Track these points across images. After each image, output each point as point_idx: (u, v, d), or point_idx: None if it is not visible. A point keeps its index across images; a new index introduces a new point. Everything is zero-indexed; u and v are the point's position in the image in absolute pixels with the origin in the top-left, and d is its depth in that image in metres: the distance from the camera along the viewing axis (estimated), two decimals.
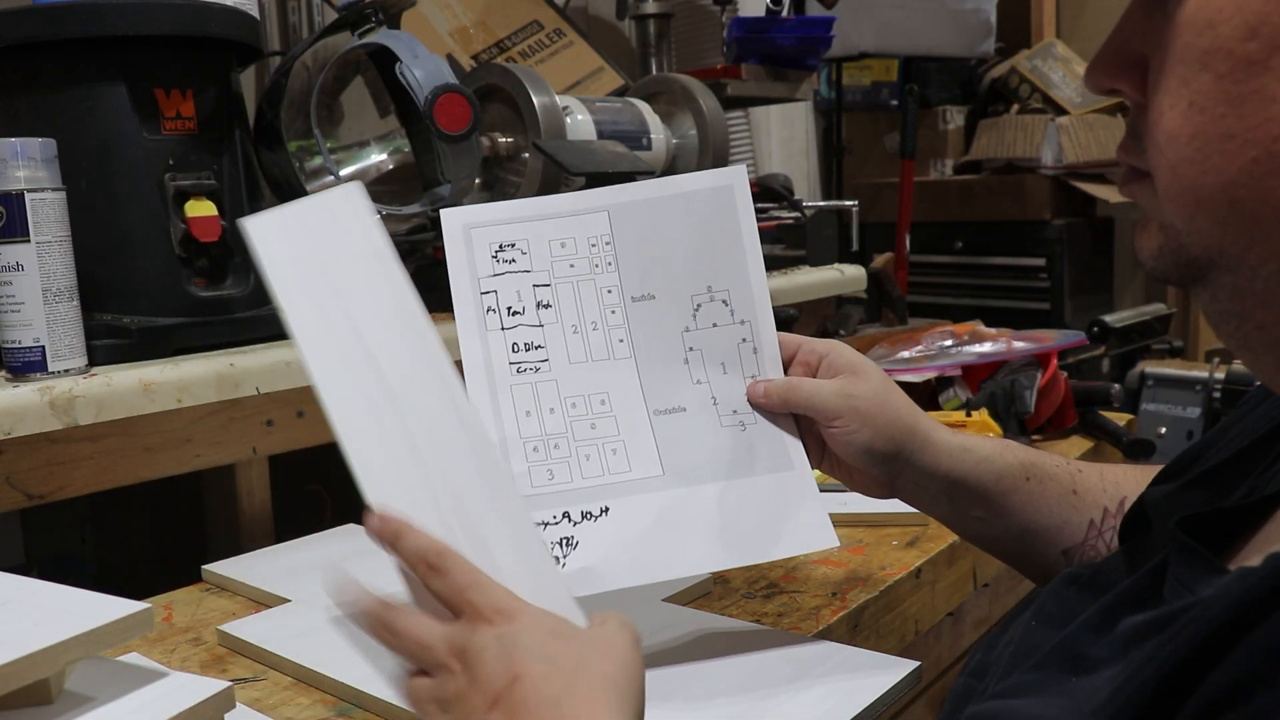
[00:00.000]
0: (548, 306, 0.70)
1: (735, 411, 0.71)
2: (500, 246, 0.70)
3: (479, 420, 0.55)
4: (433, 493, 0.53)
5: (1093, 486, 0.71)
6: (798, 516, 0.69)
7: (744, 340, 0.72)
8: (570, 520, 0.66)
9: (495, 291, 0.69)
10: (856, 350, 0.72)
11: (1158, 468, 0.59)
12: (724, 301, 0.72)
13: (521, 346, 0.69)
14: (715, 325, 0.72)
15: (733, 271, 0.73)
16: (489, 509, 0.53)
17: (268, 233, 0.58)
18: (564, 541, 0.65)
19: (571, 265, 0.70)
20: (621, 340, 0.70)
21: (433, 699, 0.50)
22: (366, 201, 0.58)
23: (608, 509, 0.66)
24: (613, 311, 0.71)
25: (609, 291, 0.71)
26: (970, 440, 0.71)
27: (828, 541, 0.69)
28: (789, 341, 0.73)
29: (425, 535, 0.51)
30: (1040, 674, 0.44)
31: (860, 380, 0.69)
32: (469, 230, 0.70)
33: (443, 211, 0.70)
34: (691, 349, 0.72)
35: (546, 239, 0.70)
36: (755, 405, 0.71)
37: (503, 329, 0.68)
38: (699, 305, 0.72)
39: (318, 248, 0.58)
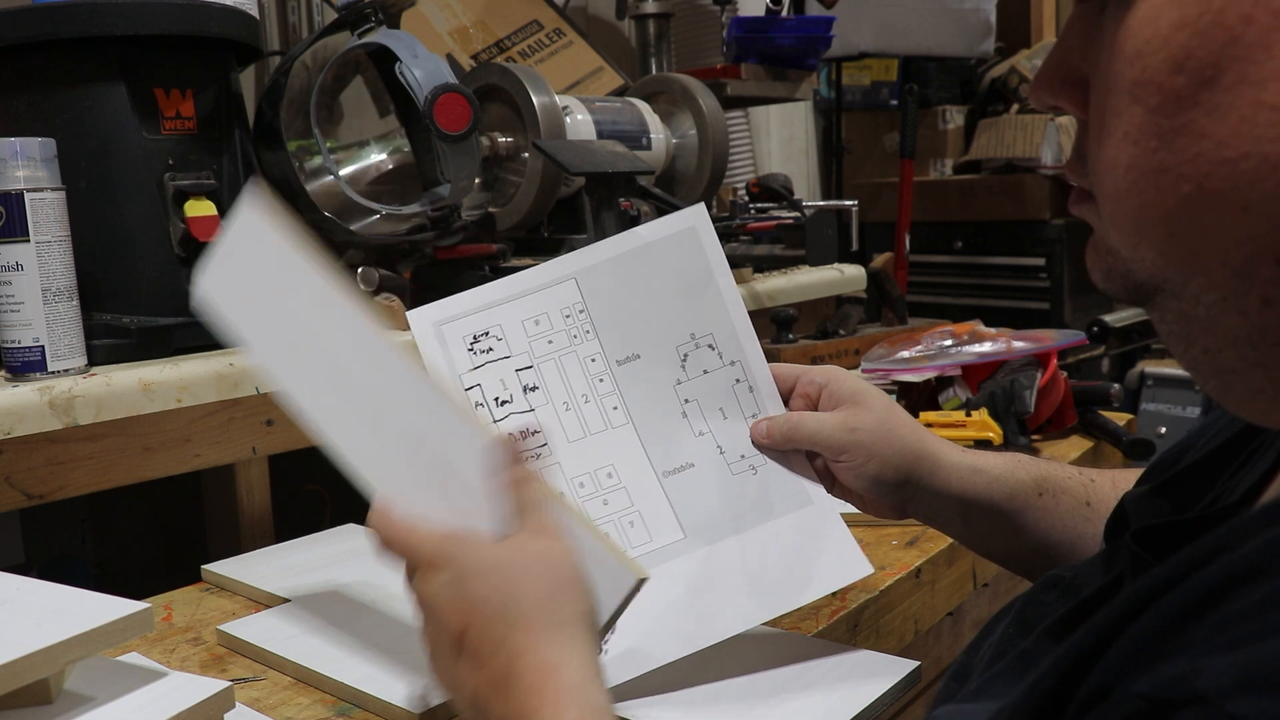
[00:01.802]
0: (535, 389, 0.68)
1: (743, 456, 0.70)
2: (474, 338, 0.68)
3: (415, 370, 0.55)
4: (395, 453, 0.57)
5: (1106, 496, 0.70)
6: (825, 551, 0.68)
7: (738, 381, 0.71)
8: None
9: (479, 385, 0.67)
10: (854, 375, 0.72)
11: None
12: (710, 346, 0.71)
13: (518, 436, 0.67)
14: (706, 372, 0.70)
15: (712, 314, 0.71)
16: (437, 449, 0.56)
17: (208, 292, 0.63)
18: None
19: (550, 341, 0.69)
20: (615, 407, 0.69)
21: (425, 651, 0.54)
22: (267, 206, 0.60)
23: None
24: (600, 380, 0.69)
25: (593, 360, 0.69)
26: (981, 460, 0.70)
27: (861, 571, 0.68)
28: (787, 373, 0.72)
29: (387, 519, 0.55)
30: (1001, 681, 0.45)
31: (863, 410, 0.68)
32: (439, 328, 0.68)
33: (409, 314, 0.68)
34: (687, 401, 0.70)
35: (519, 320, 0.69)
36: (759, 446, 0.70)
37: (495, 422, 0.67)
38: (685, 355, 0.71)
39: (249, 279, 0.61)
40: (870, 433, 0.67)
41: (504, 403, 0.68)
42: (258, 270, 0.61)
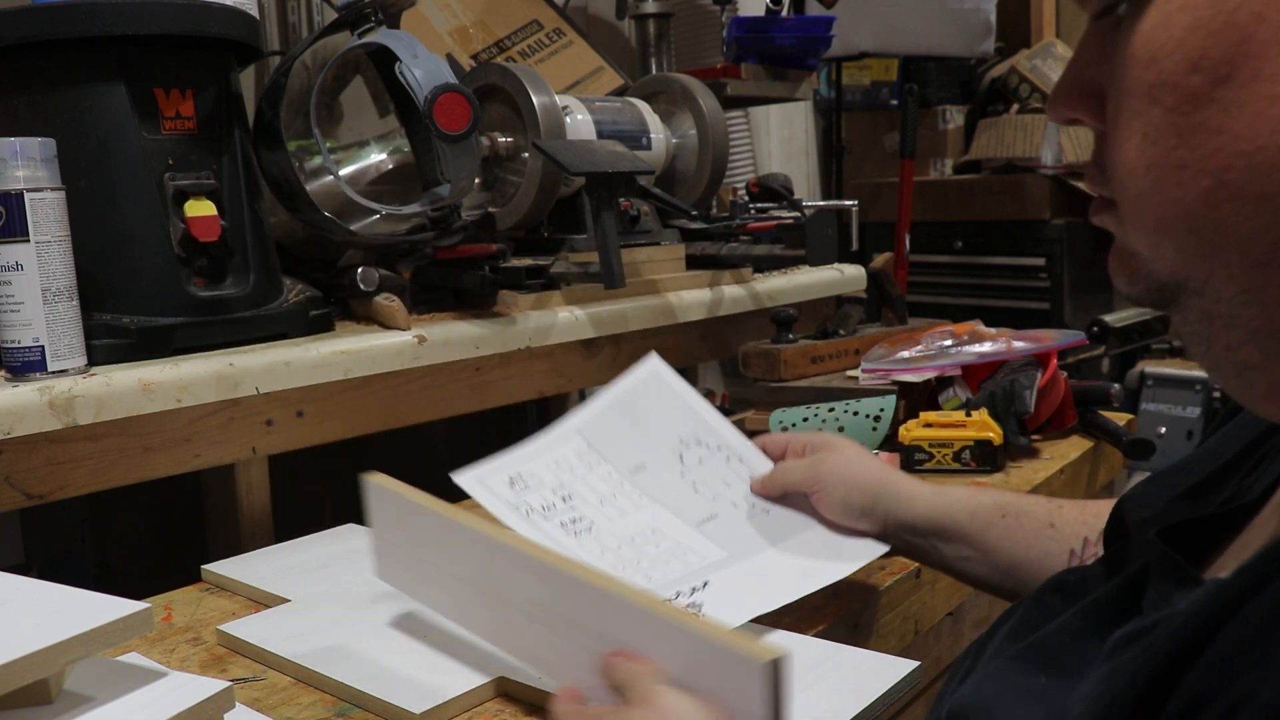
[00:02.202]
0: (571, 497, 0.82)
1: (754, 505, 0.85)
2: (512, 480, 0.81)
3: (547, 559, 0.61)
4: (551, 642, 0.62)
5: (1071, 520, 0.75)
6: (848, 541, 0.81)
7: (728, 458, 0.88)
8: (682, 594, 0.74)
9: (527, 502, 0.80)
10: (832, 434, 0.88)
11: None
12: (697, 442, 0.89)
13: (569, 523, 0.80)
14: (701, 461, 0.88)
15: (691, 423, 0.90)
16: (583, 626, 0.59)
17: (383, 574, 0.74)
18: (689, 608, 0.73)
19: (572, 471, 0.84)
20: (640, 496, 0.84)
21: None
22: (384, 482, 0.71)
23: (707, 583, 0.76)
24: (620, 484, 0.84)
25: (610, 475, 0.85)
26: (944, 487, 0.79)
27: (880, 549, 0.80)
28: (777, 441, 0.89)
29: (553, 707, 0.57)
30: (1015, 665, 0.46)
31: (832, 452, 0.82)
32: (483, 480, 0.80)
33: (457, 479, 0.79)
34: (695, 482, 0.86)
35: (543, 465, 0.84)
36: (758, 495, 0.85)
37: (546, 520, 0.80)
38: (681, 454, 0.88)
39: (397, 545, 0.72)
40: (836, 464, 0.81)
41: (550, 508, 0.80)
42: (400, 534, 0.71)
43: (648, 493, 0.84)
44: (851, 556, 0.79)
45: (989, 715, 0.44)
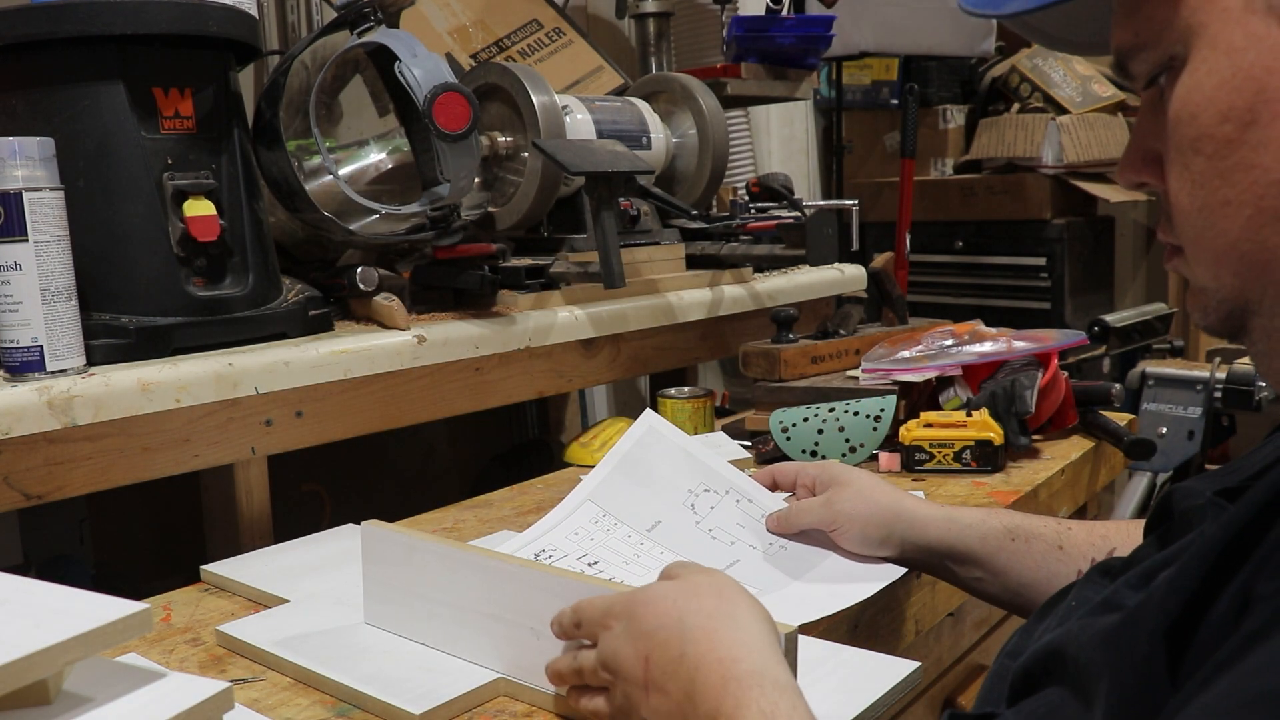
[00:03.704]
0: (596, 563, 0.84)
1: (771, 544, 0.87)
2: (536, 556, 0.85)
3: (511, 569, 0.68)
4: (530, 613, 0.66)
5: (1080, 542, 0.78)
6: (865, 568, 0.83)
7: (738, 500, 0.90)
8: None
9: (551, 552, 0.85)
10: (842, 464, 0.89)
11: (1142, 522, 0.64)
12: (706, 489, 0.91)
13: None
14: (713, 508, 0.90)
15: (696, 472, 0.92)
16: (546, 592, 0.66)
17: (372, 618, 0.76)
18: None
19: (592, 538, 0.87)
20: (662, 553, 0.85)
21: (612, 709, 0.59)
22: (375, 526, 0.76)
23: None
24: (640, 543, 0.87)
25: (628, 536, 0.87)
26: (956, 511, 0.82)
27: (899, 571, 0.83)
28: (787, 471, 0.91)
29: (562, 613, 0.64)
30: (1085, 617, 0.50)
31: (843, 488, 0.84)
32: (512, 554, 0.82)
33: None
34: (711, 530, 0.88)
35: (563, 537, 0.87)
36: (774, 533, 0.88)
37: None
38: (692, 504, 0.90)
39: (389, 588, 0.75)
40: (848, 503, 0.83)
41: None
42: (397, 575, 0.74)
43: (669, 547, 0.86)
44: (872, 578, 0.82)
45: (1069, 648, 0.48)
